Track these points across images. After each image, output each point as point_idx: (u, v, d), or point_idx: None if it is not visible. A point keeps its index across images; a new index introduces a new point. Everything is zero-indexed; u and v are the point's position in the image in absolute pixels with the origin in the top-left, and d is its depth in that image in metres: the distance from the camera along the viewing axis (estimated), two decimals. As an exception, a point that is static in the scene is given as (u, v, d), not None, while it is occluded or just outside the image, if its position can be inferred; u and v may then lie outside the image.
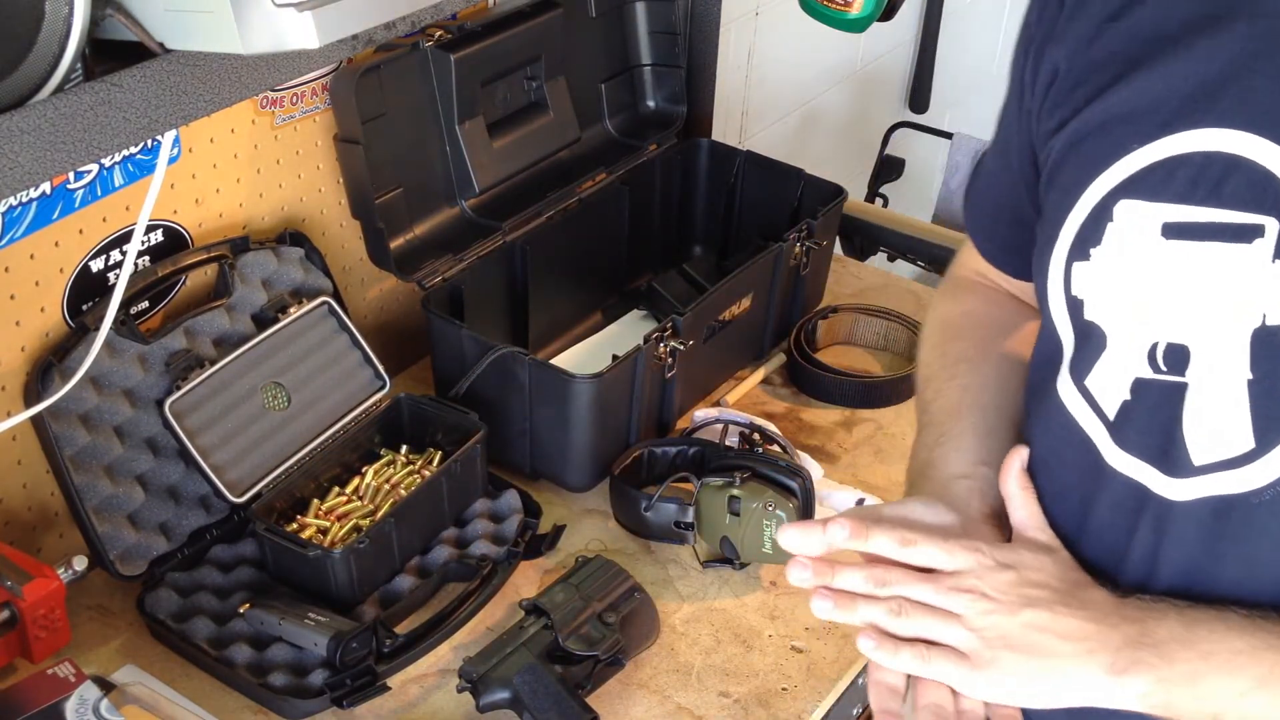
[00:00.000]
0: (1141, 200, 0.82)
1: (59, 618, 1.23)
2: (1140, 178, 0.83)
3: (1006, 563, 0.87)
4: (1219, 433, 0.81)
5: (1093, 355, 0.87)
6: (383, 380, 1.52)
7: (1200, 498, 0.83)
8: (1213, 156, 0.80)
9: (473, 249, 1.57)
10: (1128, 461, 0.86)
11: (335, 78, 1.46)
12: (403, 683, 1.26)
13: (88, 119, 0.85)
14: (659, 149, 1.81)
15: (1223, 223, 0.79)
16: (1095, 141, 0.86)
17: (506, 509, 1.44)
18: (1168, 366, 0.83)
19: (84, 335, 1.28)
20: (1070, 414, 0.89)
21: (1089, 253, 0.85)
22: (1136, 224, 0.83)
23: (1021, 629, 0.84)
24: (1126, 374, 0.85)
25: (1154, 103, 0.83)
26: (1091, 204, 0.85)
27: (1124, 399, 0.85)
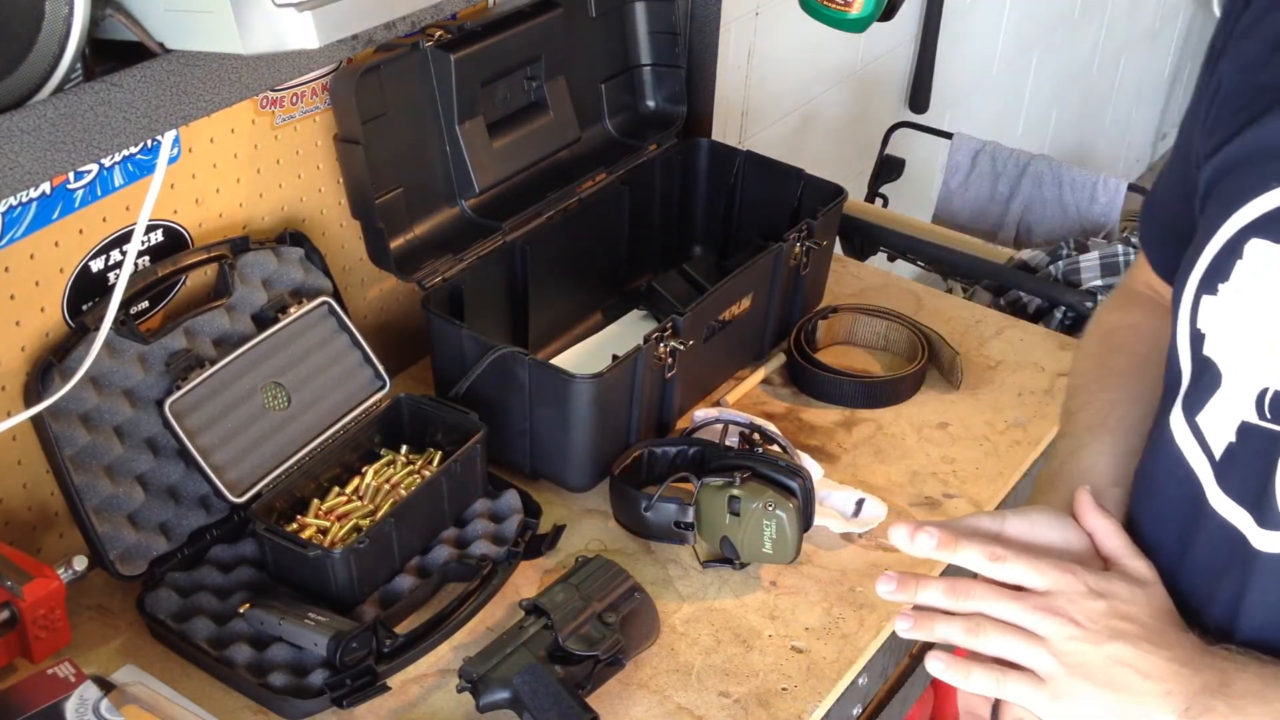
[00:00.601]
0: (1271, 242, 0.81)
1: (59, 618, 1.23)
2: (1274, 217, 0.81)
3: (1099, 590, 0.86)
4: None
5: (1207, 392, 0.85)
6: (383, 380, 1.52)
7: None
8: None
9: (473, 249, 1.57)
10: (1227, 505, 0.85)
11: (335, 78, 1.46)
12: (403, 683, 1.26)
13: (88, 119, 0.85)
14: (659, 149, 1.81)
15: None
16: (1241, 173, 0.85)
17: (506, 509, 1.44)
18: (1273, 415, 0.81)
19: (84, 335, 1.28)
20: (1179, 448, 0.88)
21: (1217, 288, 0.84)
22: (1264, 265, 0.81)
23: (1105, 660, 0.83)
24: (1235, 416, 0.84)
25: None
26: (1226, 238, 0.84)
27: (1230, 441, 0.84)
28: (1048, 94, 3.43)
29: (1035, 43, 3.24)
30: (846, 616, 1.34)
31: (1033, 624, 0.85)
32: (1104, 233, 2.47)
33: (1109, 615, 0.85)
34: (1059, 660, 0.84)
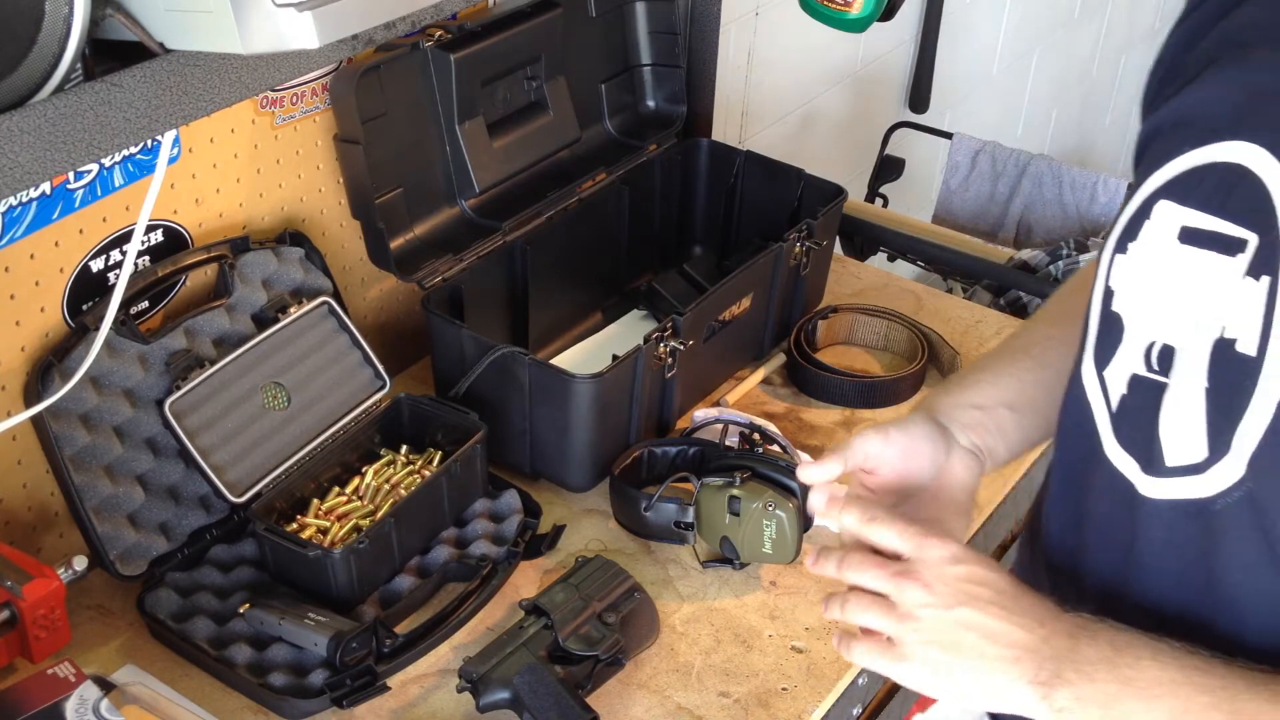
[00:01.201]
0: (1174, 203, 0.84)
1: (59, 618, 1.23)
2: (1180, 180, 0.85)
3: (960, 557, 0.87)
4: (1185, 437, 0.82)
5: (1112, 347, 0.88)
6: (383, 380, 1.52)
7: (1170, 499, 0.84)
8: (1233, 168, 0.81)
9: (473, 249, 1.57)
10: (1119, 454, 0.88)
11: (335, 78, 1.46)
12: (403, 683, 1.26)
13: (88, 119, 0.85)
14: (659, 149, 1.81)
15: (1221, 233, 0.81)
16: (1162, 140, 0.88)
17: (506, 509, 1.44)
18: (1158, 366, 0.84)
19: (84, 335, 1.28)
20: (1087, 400, 0.91)
21: (1127, 247, 0.88)
22: (1165, 225, 0.85)
23: (951, 624, 0.85)
24: (1129, 369, 0.86)
25: (1211, 107, 0.85)
26: (1141, 200, 0.87)
27: (1123, 393, 0.87)
28: (1048, 94, 3.43)
29: (1035, 43, 3.24)
30: (846, 616, 1.34)
31: (889, 589, 0.87)
32: (1104, 233, 2.47)
33: (963, 580, 0.86)
34: (908, 625, 0.86)
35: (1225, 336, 0.79)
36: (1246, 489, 0.79)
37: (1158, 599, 0.88)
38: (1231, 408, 0.79)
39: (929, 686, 0.87)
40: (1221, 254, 0.81)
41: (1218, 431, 0.80)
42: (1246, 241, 0.79)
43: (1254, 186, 0.80)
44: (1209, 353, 0.80)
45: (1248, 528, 0.80)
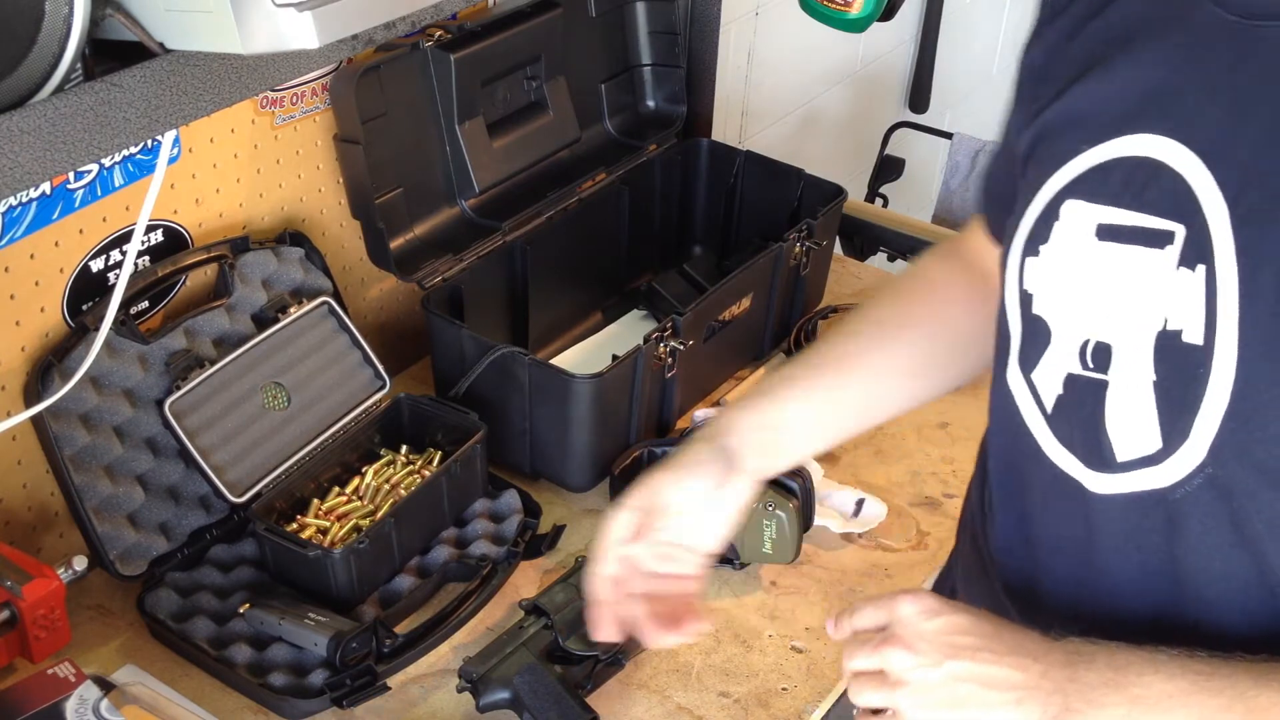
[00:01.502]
0: (1083, 201, 0.85)
1: (59, 618, 1.23)
2: (1085, 179, 0.85)
3: (934, 609, 0.86)
4: (1135, 431, 0.83)
5: (1039, 349, 0.89)
6: (383, 380, 1.52)
7: (1123, 493, 0.84)
8: (1142, 162, 0.82)
9: (473, 249, 1.57)
10: (1061, 454, 0.88)
11: (335, 78, 1.46)
12: (403, 683, 1.26)
13: (88, 119, 0.85)
14: (659, 149, 1.81)
15: (1143, 227, 0.81)
16: (1054, 140, 0.89)
17: (506, 509, 1.44)
18: (1094, 364, 0.84)
19: (84, 335, 1.28)
20: (1016, 405, 0.91)
21: (1039, 249, 0.88)
22: (1078, 224, 0.85)
23: (945, 679, 0.83)
24: (1062, 369, 0.87)
25: (1104, 104, 0.86)
26: (1044, 202, 0.88)
27: (1058, 393, 0.87)
28: (1048, 94, 3.42)
29: (1035, 43, 3.24)
30: (846, 616, 1.34)
31: (879, 663, 0.85)
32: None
33: (944, 632, 0.84)
34: (902, 692, 0.84)
35: (1169, 329, 0.80)
36: (1207, 474, 0.79)
37: (1122, 594, 0.88)
38: (1186, 397, 0.79)
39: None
40: (1148, 247, 0.81)
41: (1172, 421, 0.80)
42: (1174, 233, 0.80)
43: (1172, 179, 0.80)
44: (1153, 346, 0.80)
45: (1210, 512, 0.80)
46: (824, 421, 1.08)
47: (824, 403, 1.07)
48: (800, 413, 1.05)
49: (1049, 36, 0.93)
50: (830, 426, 1.09)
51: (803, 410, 1.05)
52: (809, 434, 1.07)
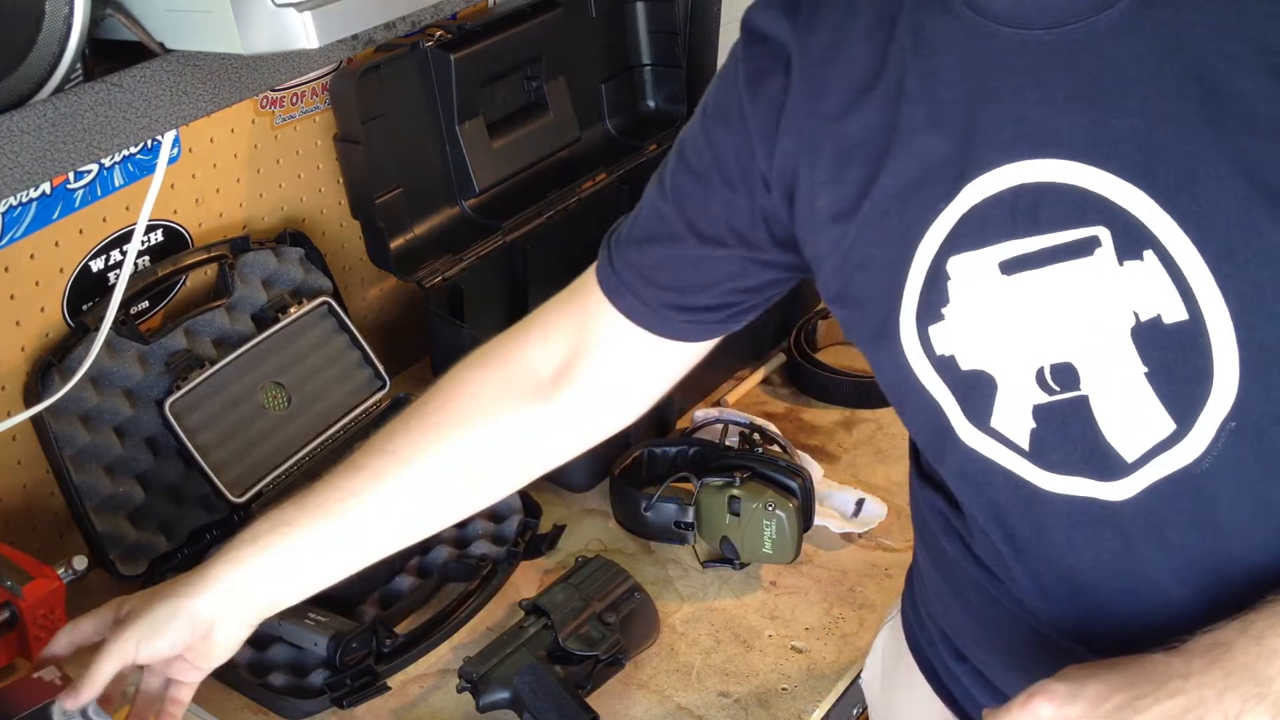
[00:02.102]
0: (970, 251, 0.84)
1: (59, 618, 1.23)
2: (959, 231, 0.84)
3: (1071, 693, 0.79)
4: (1138, 427, 0.82)
5: (988, 399, 0.87)
6: (383, 380, 1.52)
7: (1145, 488, 0.84)
8: (1017, 190, 0.81)
9: (473, 249, 1.57)
10: (1064, 482, 0.86)
11: (335, 78, 1.46)
12: (403, 683, 1.26)
13: (88, 119, 0.85)
14: (659, 149, 1.81)
15: (1053, 245, 0.81)
16: (901, 213, 0.86)
17: (506, 509, 1.43)
18: (1059, 386, 0.84)
19: (84, 335, 1.28)
20: (987, 458, 0.89)
21: (941, 313, 0.86)
22: (975, 273, 0.84)
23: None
24: (1026, 403, 0.85)
25: (929, 167, 0.84)
26: (924, 269, 0.86)
27: (1032, 427, 0.86)
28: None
29: (1035, 43, 3.24)
30: (846, 616, 1.34)
31: None
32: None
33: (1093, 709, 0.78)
34: None
35: (1144, 320, 0.80)
36: (1230, 429, 0.80)
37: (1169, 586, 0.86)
38: (1190, 371, 0.79)
39: None
40: (1071, 260, 0.81)
41: (1180, 399, 0.80)
42: (1096, 237, 0.80)
43: (1058, 193, 0.80)
44: (1130, 342, 0.80)
45: (1239, 467, 0.80)
46: (310, 570, 1.03)
47: (312, 553, 1.02)
48: (281, 567, 1.01)
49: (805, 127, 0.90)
50: (317, 573, 1.04)
51: (284, 563, 1.01)
52: (290, 586, 1.03)
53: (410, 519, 1.06)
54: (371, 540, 1.05)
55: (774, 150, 0.93)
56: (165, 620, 0.99)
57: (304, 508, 1.02)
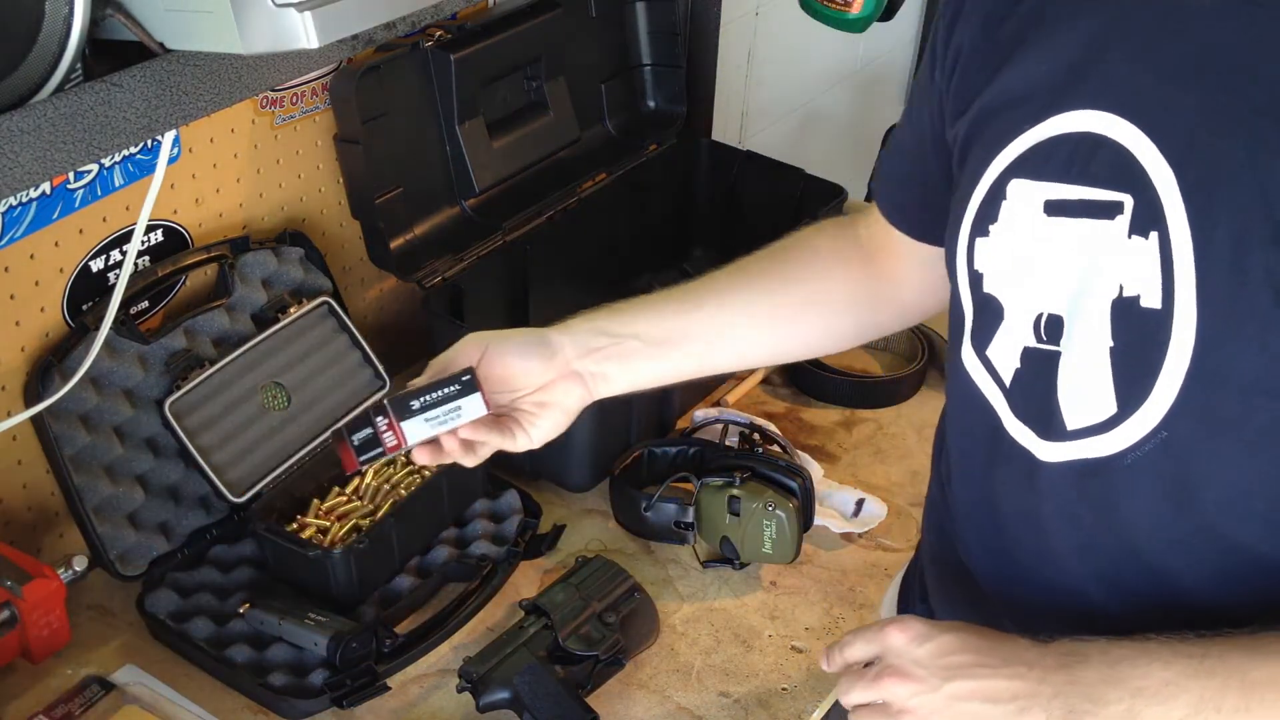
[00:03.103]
0: (1029, 180, 0.87)
1: (59, 618, 1.23)
2: (1028, 158, 0.87)
3: (923, 634, 0.86)
4: (1087, 398, 0.84)
5: (992, 326, 0.90)
6: (383, 380, 1.52)
7: (1067, 461, 0.86)
8: (1084, 137, 0.84)
9: (473, 249, 1.57)
10: (1018, 427, 0.90)
11: (335, 78, 1.46)
12: (403, 683, 1.26)
13: (88, 119, 0.85)
14: (659, 149, 1.81)
15: (1091, 200, 0.83)
16: (995, 122, 0.90)
17: (506, 509, 1.44)
18: (1048, 336, 0.86)
19: (84, 335, 1.28)
20: (974, 382, 0.93)
21: (988, 229, 0.89)
22: (1025, 202, 0.87)
23: (947, 701, 0.84)
24: (1018, 343, 0.88)
25: (1038, 84, 0.87)
26: (989, 183, 0.89)
27: (1016, 367, 0.89)
28: (1048, 94, 3.42)
29: (1035, 43, 3.24)
30: (846, 616, 1.34)
31: (879, 695, 0.86)
32: None
33: (937, 654, 0.85)
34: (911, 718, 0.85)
35: (1125, 295, 0.81)
36: (1161, 438, 0.81)
37: (1068, 564, 0.89)
38: (1145, 361, 0.80)
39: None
40: (1098, 219, 0.83)
41: (1129, 386, 0.81)
42: (1122, 204, 0.81)
43: (1114, 151, 0.81)
44: (1109, 313, 0.82)
45: (1158, 478, 0.82)
46: (666, 340, 1.08)
47: (671, 321, 1.09)
48: (643, 326, 1.07)
49: (975, 20, 0.93)
50: (670, 350, 1.09)
51: (647, 324, 1.08)
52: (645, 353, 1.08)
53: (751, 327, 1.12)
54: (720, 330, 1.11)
55: (950, 39, 0.96)
56: (522, 336, 1.05)
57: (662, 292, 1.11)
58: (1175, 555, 0.85)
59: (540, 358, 1.03)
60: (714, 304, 1.11)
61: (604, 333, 1.06)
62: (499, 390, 1.03)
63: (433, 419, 1.00)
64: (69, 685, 1.23)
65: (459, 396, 0.99)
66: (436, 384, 1.00)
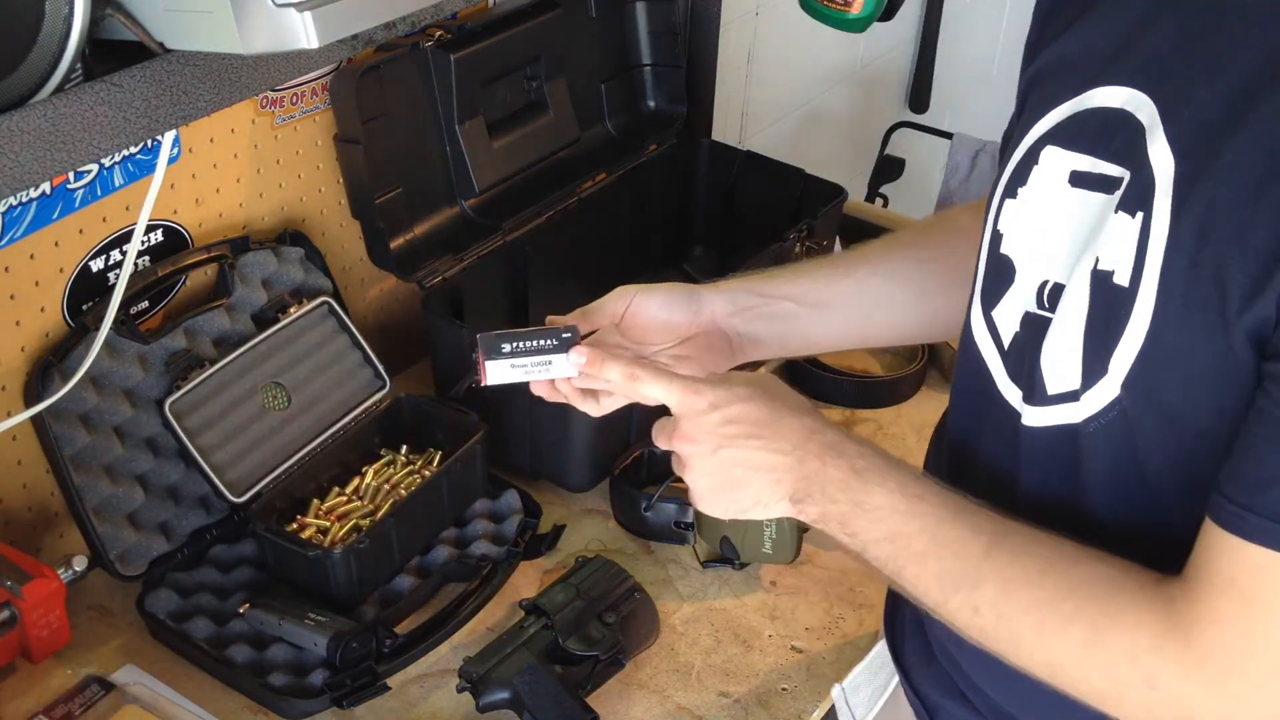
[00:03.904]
0: (1061, 148, 0.88)
1: (59, 618, 1.23)
2: (1064, 126, 0.88)
3: (713, 402, 0.95)
4: (1062, 367, 0.86)
5: (1002, 289, 0.92)
6: (383, 380, 1.52)
7: (1044, 425, 0.88)
8: (1113, 113, 0.85)
9: (473, 249, 1.57)
10: (1010, 389, 0.92)
11: (335, 78, 1.46)
12: (403, 683, 1.26)
13: (88, 119, 0.85)
14: (659, 149, 1.81)
15: (1104, 174, 0.85)
16: (1043, 86, 0.92)
17: (506, 509, 1.44)
18: (1048, 304, 0.88)
19: (84, 335, 1.28)
20: (976, 341, 0.95)
21: (1017, 192, 0.91)
22: (1053, 169, 0.88)
23: (719, 465, 0.95)
24: (1020, 307, 0.90)
25: (1087, 54, 0.88)
26: (1027, 147, 0.91)
27: (1015, 331, 0.91)
28: (1048, 94, 3.41)
29: (1035, 43, 3.24)
30: (846, 616, 1.34)
31: (672, 448, 0.97)
32: None
33: (720, 424, 0.95)
34: (689, 474, 0.97)
35: (1101, 268, 0.82)
36: (1120, 408, 0.83)
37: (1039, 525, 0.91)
38: (1107, 335, 0.82)
39: (728, 511, 0.98)
40: (1103, 192, 0.84)
41: (1093, 358, 0.84)
42: (1121, 179, 0.83)
43: (1133, 130, 0.83)
44: (1088, 284, 0.83)
45: (1118, 447, 0.84)
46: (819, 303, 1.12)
47: (825, 285, 1.12)
48: (797, 288, 1.11)
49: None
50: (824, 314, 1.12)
51: (801, 287, 1.11)
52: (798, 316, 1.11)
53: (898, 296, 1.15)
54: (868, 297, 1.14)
55: None
56: (669, 288, 1.09)
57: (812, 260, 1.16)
58: (1123, 524, 0.87)
59: (684, 311, 1.07)
60: (866, 270, 1.14)
61: (756, 292, 1.10)
62: (640, 341, 1.07)
63: (519, 366, 1.02)
64: (69, 685, 1.23)
65: (552, 352, 1.01)
66: (536, 333, 1.01)
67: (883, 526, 0.91)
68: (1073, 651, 0.83)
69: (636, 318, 1.08)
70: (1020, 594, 0.85)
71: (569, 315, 1.08)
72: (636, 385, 0.98)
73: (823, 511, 0.93)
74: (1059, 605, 0.83)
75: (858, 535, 0.92)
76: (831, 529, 0.94)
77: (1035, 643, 0.85)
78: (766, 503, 0.96)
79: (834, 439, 0.95)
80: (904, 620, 1.12)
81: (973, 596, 0.87)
